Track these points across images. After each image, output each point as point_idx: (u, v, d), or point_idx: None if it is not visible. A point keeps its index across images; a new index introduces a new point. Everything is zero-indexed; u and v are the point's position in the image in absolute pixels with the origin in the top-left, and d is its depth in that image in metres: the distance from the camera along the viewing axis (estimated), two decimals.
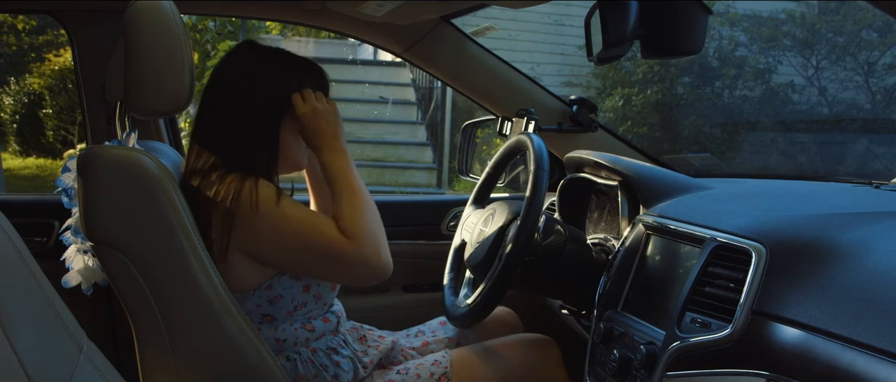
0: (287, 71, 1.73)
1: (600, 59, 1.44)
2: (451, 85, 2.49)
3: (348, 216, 1.63)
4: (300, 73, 1.74)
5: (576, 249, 1.76)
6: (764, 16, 8.71)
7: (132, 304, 1.52)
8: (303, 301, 1.72)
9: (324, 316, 1.78)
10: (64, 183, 1.74)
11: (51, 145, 8.98)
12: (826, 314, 1.11)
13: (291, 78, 1.73)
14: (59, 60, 8.76)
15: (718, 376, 1.22)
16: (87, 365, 1.16)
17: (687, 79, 8.83)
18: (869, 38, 8.23)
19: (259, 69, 1.71)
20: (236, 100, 1.69)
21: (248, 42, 1.79)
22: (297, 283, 1.69)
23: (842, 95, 8.34)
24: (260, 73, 1.70)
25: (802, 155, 8.20)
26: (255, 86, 1.69)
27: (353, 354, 1.79)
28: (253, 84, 1.69)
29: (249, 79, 1.69)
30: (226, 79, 1.71)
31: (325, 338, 1.77)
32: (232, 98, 1.69)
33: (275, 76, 1.71)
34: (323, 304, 1.76)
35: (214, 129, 1.70)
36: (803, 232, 1.28)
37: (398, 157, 8.93)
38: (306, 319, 1.74)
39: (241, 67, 1.71)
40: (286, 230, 1.60)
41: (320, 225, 1.61)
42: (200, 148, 1.69)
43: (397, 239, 2.52)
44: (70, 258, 1.75)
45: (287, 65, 1.74)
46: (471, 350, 1.89)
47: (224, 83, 1.71)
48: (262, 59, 1.73)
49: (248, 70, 1.71)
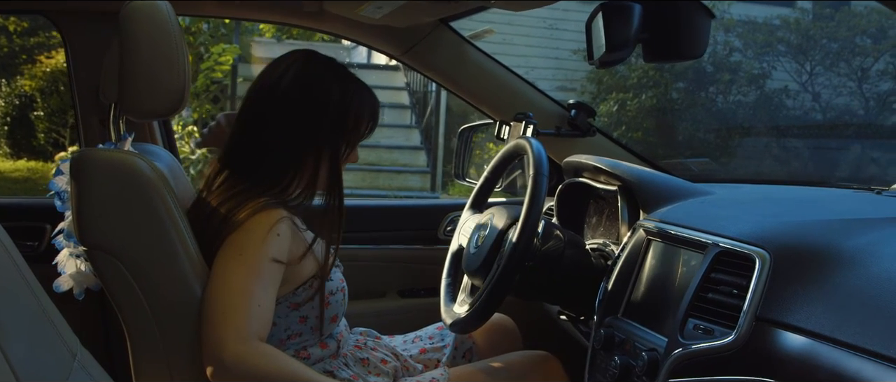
0: (359, 91, 1.70)
1: (602, 63, 1.42)
2: (449, 88, 2.48)
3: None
4: (368, 97, 1.71)
5: (575, 254, 1.75)
6: (758, 21, 8.73)
7: (125, 309, 1.50)
8: (298, 330, 1.66)
9: (321, 342, 1.70)
10: (57, 186, 1.72)
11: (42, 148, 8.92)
12: (832, 321, 1.09)
13: (362, 99, 1.69)
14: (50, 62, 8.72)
15: None
16: (81, 372, 1.14)
17: (682, 84, 8.84)
18: (863, 44, 8.25)
19: (327, 83, 1.65)
20: (294, 115, 1.63)
21: (309, 52, 1.71)
22: (293, 313, 1.63)
23: (836, 101, 8.36)
24: (330, 88, 1.65)
25: (796, 160, 8.22)
26: (325, 104, 1.64)
27: (350, 378, 1.72)
28: (324, 101, 1.64)
29: (321, 94, 1.64)
30: (285, 92, 1.64)
31: (324, 363, 1.70)
32: (288, 113, 1.63)
33: (349, 94, 1.67)
34: (320, 334, 1.69)
35: (259, 144, 1.64)
36: (807, 238, 1.27)
37: (392, 161, 8.91)
38: (301, 347, 1.67)
39: (305, 79, 1.65)
40: (234, 257, 1.51)
41: (244, 298, 1.47)
42: (232, 166, 1.65)
43: (393, 245, 2.51)
44: (62, 262, 1.73)
45: (356, 83, 1.70)
46: (470, 367, 1.86)
47: (282, 96, 1.64)
48: (328, 73, 1.68)
49: (317, 83, 1.65)
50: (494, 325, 2.06)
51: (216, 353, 1.44)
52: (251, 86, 1.70)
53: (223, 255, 1.52)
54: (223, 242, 1.54)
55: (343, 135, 1.67)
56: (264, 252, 1.51)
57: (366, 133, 1.73)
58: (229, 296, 1.47)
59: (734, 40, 8.66)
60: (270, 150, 1.63)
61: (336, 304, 1.68)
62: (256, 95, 1.67)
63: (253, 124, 1.66)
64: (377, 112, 1.74)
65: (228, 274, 1.50)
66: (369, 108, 1.71)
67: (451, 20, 2.32)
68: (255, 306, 1.48)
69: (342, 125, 1.66)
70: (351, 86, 1.68)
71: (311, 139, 1.64)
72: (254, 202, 1.56)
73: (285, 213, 1.57)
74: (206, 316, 1.48)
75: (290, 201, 1.64)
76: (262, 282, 1.50)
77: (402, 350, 1.94)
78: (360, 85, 1.71)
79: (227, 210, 1.57)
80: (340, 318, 1.73)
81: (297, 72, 1.65)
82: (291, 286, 1.62)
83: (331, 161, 1.66)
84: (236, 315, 1.45)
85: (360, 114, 1.69)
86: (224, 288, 1.48)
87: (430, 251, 2.51)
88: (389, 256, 2.49)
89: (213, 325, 1.46)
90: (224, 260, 1.52)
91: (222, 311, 1.46)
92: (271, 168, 1.63)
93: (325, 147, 1.65)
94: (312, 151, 1.64)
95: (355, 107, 1.68)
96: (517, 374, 1.85)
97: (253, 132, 1.65)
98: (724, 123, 8.69)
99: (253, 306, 1.47)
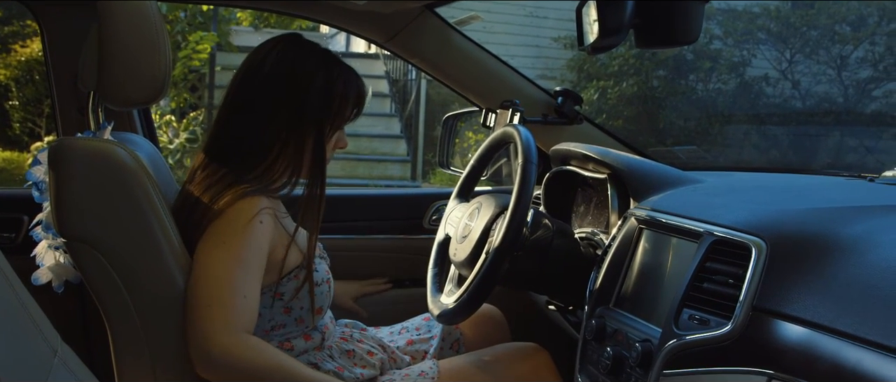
0: (343, 73, 1.68)
1: (595, 49, 1.40)
2: (435, 76, 2.45)
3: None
4: (353, 80, 1.69)
5: (564, 244, 1.73)
6: (739, 9, 8.76)
7: (106, 302, 1.47)
8: (281, 322, 1.64)
9: (305, 333, 1.68)
10: (34, 176, 1.68)
11: (18, 138, 8.85)
12: (830, 310, 1.08)
13: (348, 82, 1.68)
14: (25, 51, 8.63)
15: (718, 375, 1.19)
16: (62, 368, 1.10)
17: (662, 72, 8.87)
18: (842, 31, 8.30)
19: (311, 65, 1.64)
20: (278, 97, 1.61)
21: (293, 35, 1.70)
22: (278, 303, 1.61)
23: (815, 88, 8.41)
24: (314, 70, 1.63)
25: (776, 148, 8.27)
26: (309, 86, 1.62)
27: (335, 370, 1.70)
28: (307, 82, 1.62)
29: (304, 75, 1.62)
30: (269, 75, 1.62)
31: (308, 355, 1.68)
32: (272, 95, 1.62)
33: (333, 76, 1.65)
34: (304, 326, 1.68)
35: (243, 129, 1.63)
36: (804, 226, 1.26)
37: (372, 150, 8.89)
38: (284, 338, 1.65)
39: (289, 61, 1.63)
40: (217, 246, 1.50)
41: (230, 289, 1.46)
42: (215, 154, 1.63)
43: (378, 234, 2.48)
44: (41, 254, 1.69)
45: (340, 66, 1.68)
46: (459, 360, 1.84)
47: (265, 79, 1.63)
48: (312, 56, 1.66)
49: (300, 65, 1.63)
50: (482, 316, 2.04)
51: (203, 346, 1.42)
52: (235, 72, 1.68)
53: (205, 245, 1.50)
54: (204, 231, 1.52)
55: (327, 119, 1.65)
56: (247, 241, 1.50)
57: (352, 116, 1.71)
58: (215, 288, 1.45)
59: (714, 28, 8.68)
60: (254, 135, 1.61)
61: (321, 296, 1.66)
62: (240, 81, 1.65)
63: (237, 110, 1.64)
64: (363, 95, 1.72)
65: (212, 265, 1.48)
66: (355, 91, 1.69)
67: (436, 6, 2.29)
68: (240, 298, 1.46)
69: (326, 108, 1.64)
70: (335, 68, 1.67)
71: (294, 122, 1.62)
72: (235, 189, 1.54)
73: (267, 202, 1.55)
74: (191, 308, 1.46)
75: (273, 188, 1.62)
76: (246, 273, 1.49)
77: (389, 342, 1.91)
78: (345, 67, 1.69)
79: (209, 198, 1.55)
80: (325, 310, 1.71)
81: (280, 55, 1.64)
82: (275, 276, 1.60)
83: (315, 145, 1.64)
84: (222, 307, 1.44)
85: (346, 96, 1.67)
86: (208, 280, 1.46)
87: (416, 241, 2.49)
88: (374, 246, 2.46)
89: (198, 318, 1.44)
90: (206, 251, 1.50)
91: (207, 304, 1.44)
92: (255, 153, 1.61)
93: (309, 130, 1.63)
94: (296, 135, 1.62)
95: (340, 89, 1.66)
96: (507, 366, 1.83)
97: (237, 118, 1.63)
98: (704, 111, 8.72)
99: (238, 298, 1.46)
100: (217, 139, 1.65)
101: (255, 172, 1.60)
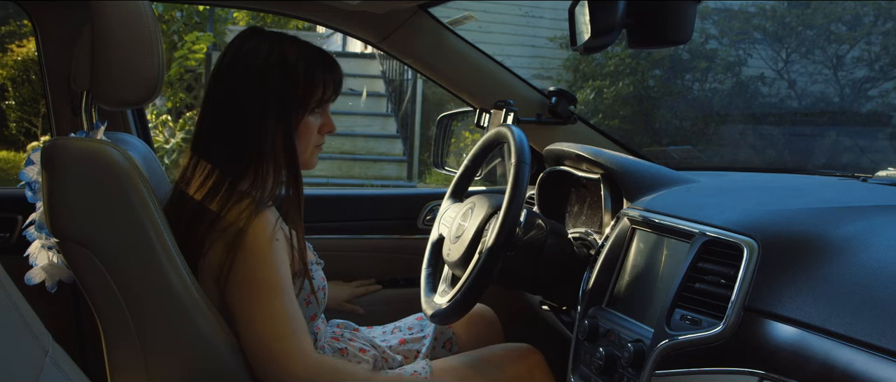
0: (304, 54, 1.61)
1: (587, 48, 1.39)
2: (428, 75, 2.45)
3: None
4: (316, 58, 1.63)
5: (557, 244, 1.72)
6: (735, 9, 8.76)
7: (99, 302, 1.47)
8: None
9: None
10: (27, 176, 1.68)
11: (14, 137, 8.84)
12: (822, 310, 1.08)
13: (310, 61, 1.61)
14: (21, 51, 8.63)
15: (710, 375, 1.19)
16: (53, 369, 1.10)
17: (658, 71, 8.87)
18: (838, 31, 8.30)
19: (271, 58, 1.58)
20: (253, 91, 1.57)
21: (250, 29, 1.64)
22: None
23: (811, 88, 8.42)
24: (267, 59, 1.58)
25: (772, 148, 8.27)
26: (267, 76, 1.57)
27: None
28: (265, 73, 1.57)
29: (260, 67, 1.57)
30: (239, 69, 1.58)
31: None
32: (241, 90, 1.58)
33: (291, 59, 1.59)
34: None
35: (223, 128, 1.59)
36: (796, 226, 1.26)
37: (368, 150, 8.87)
38: None
39: (258, 55, 1.58)
40: (256, 286, 1.51)
41: (286, 320, 1.52)
42: (199, 147, 1.61)
43: (372, 234, 2.48)
44: (34, 254, 1.69)
45: (299, 47, 1.62)
46: (452, 360, 1.84)
47: (232, 73, 1.59)
48: (273, 47, 1.60)
49: (255, 59, 1.58)
50: (475, 316, 2.05)
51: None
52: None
53: (242, 287, 1.51)
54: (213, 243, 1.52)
55: (295, 102, 1.60)
56: (276, 267, 1.52)
57: (328, 96, 1.66)
58: (273, 325, 1.50)
59: (710, 28, 8.69)
60: (230, 133, 1.58)
61: (318, 302, 1.67)
62: (208, 84, 1.64)
63: (208, 111, 1.62)
64: (334, 70, 1.66)
65: (261, 305, 1.51)
66: (322, 68, 1.63)
67: (429, 6, 2.29)
68: (296, 322, 1.52)
69: (291, 92, 1.59)
70: (292, 51, 1.60)
71: (261, 113, 1.57)
72: (240, 205, 1.52)
73: (272, 215, 1.55)
74: (259, 351, 1.51)
75: (268, 193, 1.58)
76: (287, 296, 1.53)
77: (381, 341, 1.92)
78: (306, 47, 1.63)
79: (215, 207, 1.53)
80: (319, 316, 1.71)
81: (234, 51, 1.60)
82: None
83: (284, 136, 1.59)
84: (287, 340, 1.50)
85: (310, 76, 1.61)
86: (263, 321, 1.50)
87: (410, 241, 2.49)
88: (368, 246, 2.46)
89: (271, 359, 1.50)
90: (249, 291, 1.51)
91: (270, 343, 1.50)
92: (235, 150, 1.58)
93: (278, 122, 1.58)
94: (265, 129, 1.57)
95: (302, 69, 1.60)
96: (500, 367, 1.83)
97: (211, 119, 1.61)
98: (700, 111, 8.72)
99: (295, 322, 1.52)
100: (200, 140, 1.63)
101: (247, 175, 1.58)
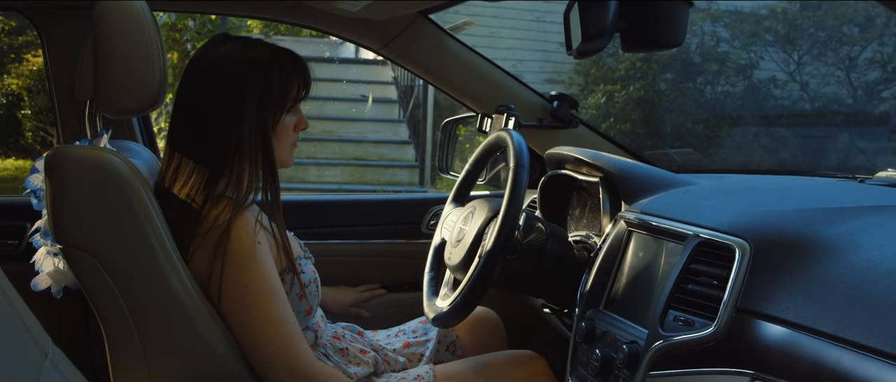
0: (270, 55, 1.62)
1: (580, 53, 1.41)
2: (430, 81, 2.46)
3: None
4: (284, 59, 1.64)
5: (557, 247, 1.73)
6: (746, 11, 8.73)
7: (102, 307, 1.49)
8: None
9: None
10: (33, 184, 1.70)
11: (30, 146, 8.90)
12: (812, 311, 1.08)
13: (279, 62, 1.62)
14: (37, 61, 8.68)
15: (702, 375, 1.19)
16: (53, 371, 1.12)
17: (669, 75, 8.84)
18: (850, 33, 8.25)
19: (246, 61, 1.59)
20: (229, 96, 1.57)
21: (222, 35, 1.65)
22: None
23: (824, 90, 8.37)
24: (248, 65, 1.58)
25: (785, 150, 8.22)
26: (245, 82, 1.58)
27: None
28: (253, 77, 1.58)
29: (245, 71, 1.58)
30: (215, 74, 1.59)
31: None
32: (217, 94, 1.58)
33: (253, 62, 1.59)
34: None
35: (198, 132, 1.60)
36: (787, 227, 1.26)
37: (380, 156, 8.88)
38: None
39: (233, 59, 1.59)
40: (245, 293, 1.53)
41: (279, 325, 1.55)
42: (176, 151, 1.62)
43: (377, 239, 2.50)
44: (40, 261, 1.71)
45: (263, 49, 1.62)
46: (455, 365, 1.86)
47: (206, 78, 1.59)
48: (246, 50, 1.61)
49: (230, 64, 1.59)
50: (478, 319, 2.06)
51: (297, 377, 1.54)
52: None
53: (232, 295, 1.54)
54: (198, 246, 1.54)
55: (271, 103, 1.61)
56: (262, 270, 1.53)
57: (302, 95, 1.67)
58: (268, 329, 1.53)
59: (721, 31, 8.66)
60: (205, 137, 1.59)
61: (310, 296, 1.67)
62: (179, 89, 1.63)
63: (181, 116, 1.63)
64: (305, 69, 1.66)
65: (253, 310, 1.53)
66: (294, 68, 1.64)
67: (430, 13, 2.30)
68: (291, 325, 1.55)
69: (268, 93, 1.60)
70: (265, 53, 1.61)
71: (238, 116, 1.58)
72: (215, 207, 1.54)
73: (251, 215, 1.56)
74: (258, 356, 1.55)
75: (245, 194, 1.60)
76: (279, 298, 1.55)
77: (386, 344, 1.93)
78: (277, 49, 1.64)
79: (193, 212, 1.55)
80: (315, 310, 1.72)
81: (207, 56, 1.61)
82: None
83: (261, 139, 1.60)
84: (284, 343, 1.54)
85: (286, 77, 1.62)
86: (257, 326, 1.53)
87: (414, 245, 2.51)
88: (373, 251, 2.48)
89: (270, 362, 1.54)
90: (239, 299, 1.53)
91: (267, 348, 1.54)
92: (211, 154, 1.59)
93: (257, 120, 1.59)
94: (243, 128, 1.58)
95: (277, 71, 1.61)
96: (504, 373, 1.84)
97: (185, 123, 1.62)
98: (712, 114, 8.68)
99: (290, 326, 1.55)
100: (176, 138, 1.64)
101: (223, 178, 1.59)
